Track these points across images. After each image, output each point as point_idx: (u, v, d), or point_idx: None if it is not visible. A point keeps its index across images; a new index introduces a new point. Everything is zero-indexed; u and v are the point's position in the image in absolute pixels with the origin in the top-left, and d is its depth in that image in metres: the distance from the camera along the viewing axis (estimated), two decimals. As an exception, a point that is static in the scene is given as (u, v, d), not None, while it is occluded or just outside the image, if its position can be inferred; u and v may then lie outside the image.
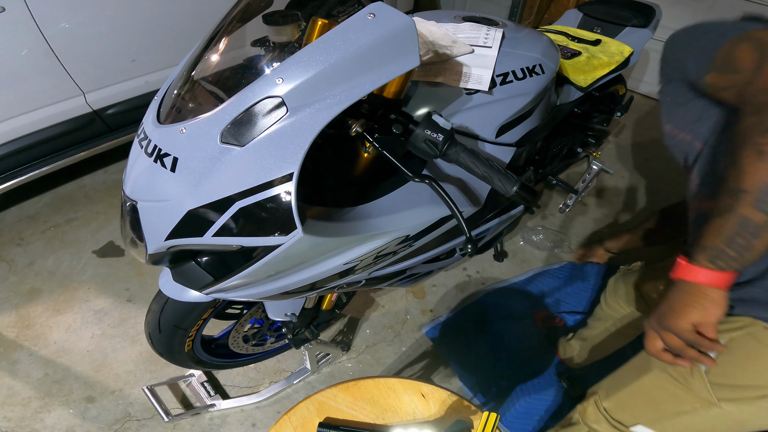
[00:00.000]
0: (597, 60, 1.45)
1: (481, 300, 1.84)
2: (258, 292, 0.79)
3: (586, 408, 1.01)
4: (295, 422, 0.85)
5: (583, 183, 2.18)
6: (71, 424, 1.47)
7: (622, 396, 0.93)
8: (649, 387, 0.87)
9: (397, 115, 0.70)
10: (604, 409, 0.96)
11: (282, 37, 0.82)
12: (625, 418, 0.92)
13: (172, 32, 2.01)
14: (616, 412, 0.94)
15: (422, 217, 0.82)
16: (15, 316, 1.75)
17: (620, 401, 0.94)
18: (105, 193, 2.28)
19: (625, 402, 0.93)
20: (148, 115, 0.76)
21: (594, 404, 0.99)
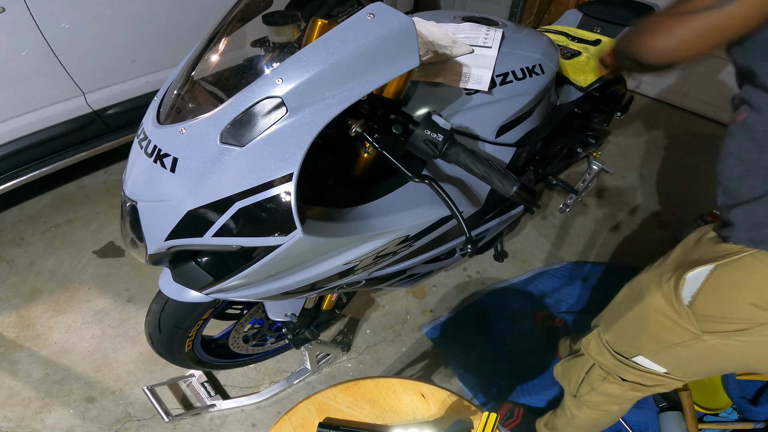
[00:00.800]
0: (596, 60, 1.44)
1: (482, 300, 1.84)
2: (258, 293, 0.79)
3: (589, 341, 1.03)
4: (295, 422, 0.85)
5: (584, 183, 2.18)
6: (71, 424, 1.47)
7: (620, 328, 0.95)
8: (644, 319, 0.88)
9: (397, 115, 0.70)
10: (606, 342, 0.98)
11: (282, 37, 0.82)
12: (626, 349, 0.94)
13: (172, 33, 2.01)
14: (617, 344, 0.96)
15: (422, 218, 0.82)
16: (15, 317, 1.75)
17: (620, 333, 0.96)
18: (105, 193, 2.28)
19: (624, 334, 0.95)
20: (148, 116, 0.76)
21: (597, 336, 1.01)
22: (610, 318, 0.99)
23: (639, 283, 0.92)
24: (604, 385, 1.02)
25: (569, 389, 1.13)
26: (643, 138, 2.73)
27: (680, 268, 0.80)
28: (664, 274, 0.84)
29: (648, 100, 3.06)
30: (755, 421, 1.47)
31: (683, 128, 2.80)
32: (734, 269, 0.71)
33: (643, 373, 0.94)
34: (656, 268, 0.89)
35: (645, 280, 0.90)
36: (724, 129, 2.50)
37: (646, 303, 0.86)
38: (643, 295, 0.88)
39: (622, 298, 0.98)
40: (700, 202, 2.31)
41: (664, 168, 2.52)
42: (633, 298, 0.92)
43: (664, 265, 0.87)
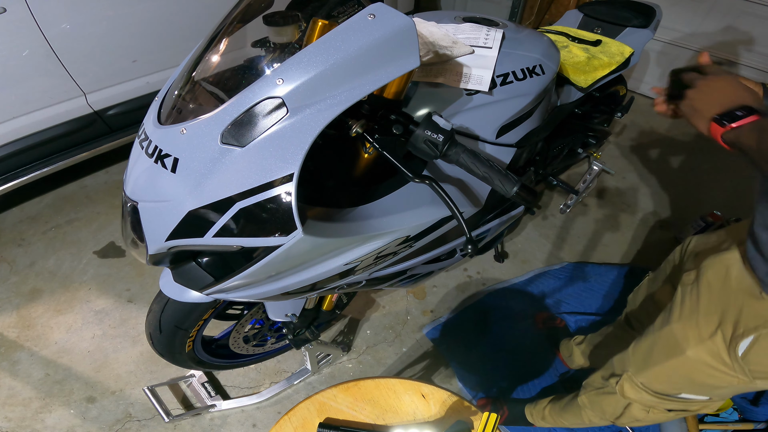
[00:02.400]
0: (597, 60, 1.45)
1: (482, 301, 1.84)
2: (258, 293, 0.80)
3: (623, 385, 1.02)
4: (296, 423, 0.85)
5: (584, 183, 2.18)
6: (72, 424, 1.47)
7: (657, 373, 0.94)
8: (686, 368, 0.87)
9: (398, 115, 0.70)
10: (641, 384, 0.97)
11: (282, 37, 0.82)
12: (667, 389, 0.94)
13: (173, 33, 2.01)
14: (655, 386, 0.96)
15: (423, 218, 0.82)
16: (16, 317, 1.75)
17: (657, 377, 0.95)
18: (106, 193, 2.28)
19: (663, 379, 0.94)
20: (149, 116, 0.76)
21: (630, 380, 1.00)
22: (641, 364, 0.98)
23: (673, 335, 0.90)
24: (649, 416, 1.02)
25: (602, 417, 1.13)
26: (644, 138, 2.73)
27: (724, 324, 0.79)
28: (703, 328, 0.83)
29: (649, 100, 3.06)
30: (756, 422, 1.47)
31: (684, 129, 2.80)
32: None
33: (687, 402, 0.94)
34: (688, 319, 0.87)
35: (680, 332, 0.88)
36: (725, 129, 2.41)
37: (688, 357, 0.85)
38: (683, 348, 0.86)
39: (653, 347, 0.95)
40: (701, 202, 2.31)
41: (664, 168, 2.52)
42: (669, 349, 0.90)
43: (698, 316, 0.85)
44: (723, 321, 0.79)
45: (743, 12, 2.47)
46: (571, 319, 1.77)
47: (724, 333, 0.79)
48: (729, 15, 2.52)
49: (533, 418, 1.39)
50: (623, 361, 1.03)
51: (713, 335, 0.81)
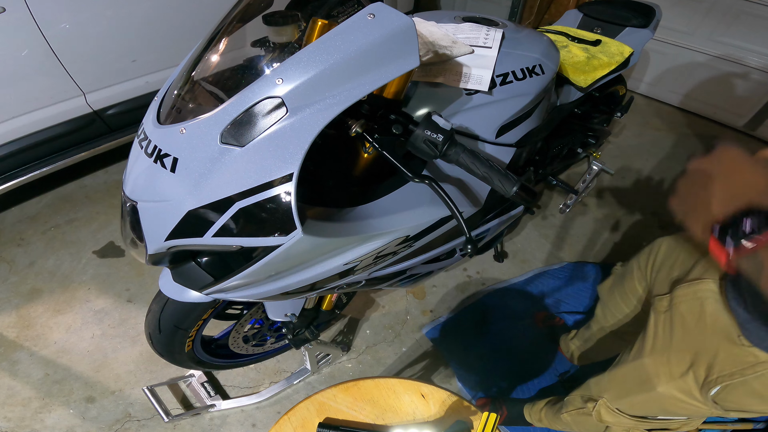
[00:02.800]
0: (597, 60, 1.45)
1: (482, 300, 1.84)
2: (258, 293, 0.79)
3: (599, 411, 1.02)
4: (295, 422, 0.85)
5: (584, 183, 2.18)
6: (71, 424, 1.47)
7: (632, 402, 0.95)
8: (659, 401, 0.88)
9: (397, 115, 0.70)
10: (618, 409, 0.98)
11: (282, 37, 0.82)
12: (644, 413, 0.95)
13: (172, 33, 2.01)
14: (632, 411, 0.96)
15: (422, 218, 0.82)
16: (15, 317, 1.75)
17: (632, 406, 0.95)
18: (105, 193, 2.28)
19: (638, 406, 0.94)
20: (148, 116, 0.76)
21: (606, 406, 1.00)
22: (615, 392, 0.98)
23: (644, 368, 0.88)
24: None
25: None
26: (644, 138, 2.73)
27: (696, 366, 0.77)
28: (674, 366, 0.82)
29: (648, 100, 3.06)
30: (755, 422, 1.47)
31: (683, 129, 2.80)
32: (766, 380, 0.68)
33: (666, 422, 0.94)
34: (660, 354, 0.86)
35: (651, 367, 0.87)
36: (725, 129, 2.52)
37: (659, 393, 0.85)
38: (654, 384, 0.86)
39: (626, 378, 0.95)
40: (700, 202, 2.30)
41: (664, 168, 2.52)
42: (641, 382, 0.90)
43: (669, 352, 0.83)
44: (695, 362, 0.78)
45: (743, 12, 2.47)
46: (570, 318, 1.77)
47: (696, 375, 0.77)
48: (728, 15, 2.52)
49: (531, 418, 1.39)
50: (599, 386, 1.04)
51: (684, 375, 0.79)
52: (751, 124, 2.72)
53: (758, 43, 2.50)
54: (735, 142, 0.49)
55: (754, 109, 2.65)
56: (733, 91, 2.69)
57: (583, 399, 1.10)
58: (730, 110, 2.75)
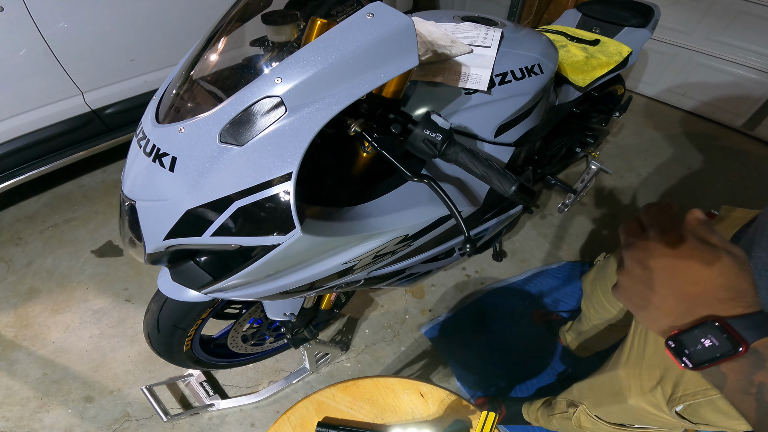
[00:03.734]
0: (596, 60, 1.45)
1: (480, 300, 1.84)
2: (257, 292, 0.79)
3: (579, 418, 1.04)
4: (294, 422, 0.85)
5: (582, 183, 2.18)
6: (70, 423, 1.47)
7: (608, 411, 0.96)
8: (632, 413, 0.89)
9: (396, 114, 0.70)
10: (596, 416, 0.99)
11: (281, 36, 0.82)
12: (621, 421, 0.96)
13: (171, 32, 2.01)
14: (609, 418, 0.97)
15: (421, 217, 0.82)
16: (13, 316, 1.75)
17: (609, 414, 0.96)
18: (103, 192, 2.28)
19: (614, 415, 0.96)
20: (147, 115, 0.76)
21: (585, 413, 1.02)
22: (593, 400, 1.00)
23: (618, 380, 0.90)
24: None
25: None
26: (642, 138, 2.74)
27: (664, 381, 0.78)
28: (645, 380, 0.83)
29: (646, 99, 3.06)
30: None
31: (682, 128, 2.81)
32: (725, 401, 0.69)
33: (644, 430, 0.95)
34: (633, 367, 0.87)
35: (624, 379, 0.88)
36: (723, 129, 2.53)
37: (630, 405, 0.86)
38: (625, 397, 0.87)
39: (602, 388, 0.97)
40: (699, 201, 2.31)
41: (662, 168, 2.53)
42: (615, 393, 0.91)
43: (641, 367, 0.85)
44: (664, 377, 0.79)
45: (742, 12, 2.47)
46: (568, 317, 1.77)
47: (664, 390, 0.78)
48: (727, 14, 2.52)
49: (529, 417, 1.40)
50: (581, 392, 1.05)
51: (653, 390, 0.81)
52: (750, 124, 2.73)
53: (757, 42, 2.50)
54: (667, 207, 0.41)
55: (752, 108, 2.66)
56: (731, 90, 2.70)
57: (567, 403, 1.11)
58: (728, 110, 2.76)
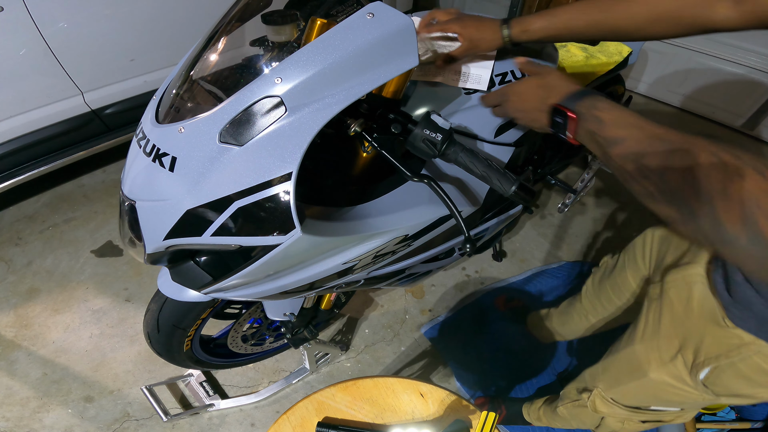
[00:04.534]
0: (596, 60, 1.45)
1: (480, 300, 1.84)
2: (257, 292, 0.79)
3: (594, 401, 1.03)
4: (294, 422, 0.85)
5: (582, 183, 2.18)
6: (70, 423, 1.47)
7: (625, 391, 0.95)
8: (651, 388, 0.88)
9: (396, 114, 0.70)
10: (612, 399, 0.98)
11: (281, 36, 0.82)
12: (637, 403, 0.95)
13: (170, 32, 2.01)
14: (625, 401, 0.97)
15: (421, 217, 0.82)
16: (13, 316, 1.75)
17: (625, 395, 0.96)
18: (103, 192, 2.28)
19: (631, 395, 0.95)
20: (147, 115, 0.76)
21: (601, 396, 1.01)
22: (609, 381, 0.99)
23: (635, 355, 0.90)
24: (624, 427, 1.03)
25: (584, 427, 1.15)
26: (642, 138, 2.73)
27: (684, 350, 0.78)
28: (664, 351, 0.83)
29: (646, 99, 3.06)
30: (753, 420, 1.47)
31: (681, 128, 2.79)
32: (753, 360, 0.69)
33: (660, 413, 0.95)
34: (650, 341, 0.87)
35: (642, 354, 0.88)
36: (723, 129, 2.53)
37: (651, 379, 0.86)
38: (645, 371, 0.86)
39: (619, 366, 0.96)
40: (698, 201, 2.31)
41: (662, 168, 2.52)
42: (632, 369, 0.90)
43: (659, 338, 0.85)
44: (684, 346, 0.79)
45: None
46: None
47: (685, 358, 0.78)
48: (727, 15, 2.52)
49: (530, 417, 1.39)
50: (594, 377, 1.04)
51: (674, 359, 0.80)
52: (749, 124, 2.73)
53: (757, 42, 2.50)
54: None
55: (752, 108, 2.66)
56: (731, 90, 2.70)
57: (578, 390, 1.10)
58: (728, 110, 2.76)
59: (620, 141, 0.51)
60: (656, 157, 0.46)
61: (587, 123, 0.55)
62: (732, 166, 0.40)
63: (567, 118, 0.58)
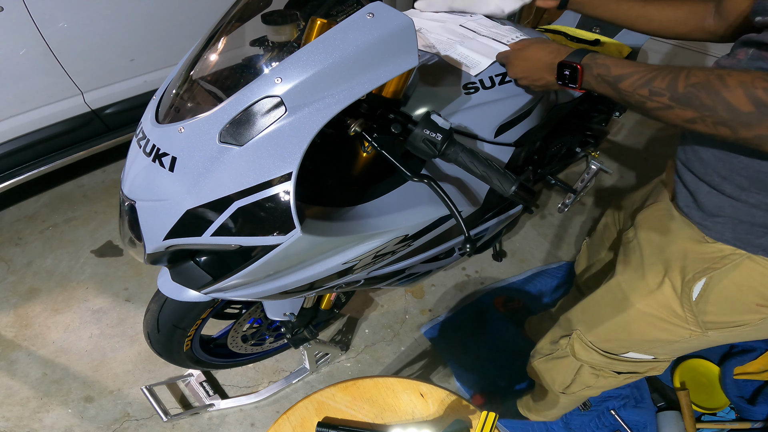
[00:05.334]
0: (596, 60, 1.45)
1: (480, 300, 1.84)
2: (257, 292, 0.79)
3: (573, 345, 1.02)
4: (294, 422, 0.85)
5: (582, 183, 2.18)
6: (70, 423, 1.47)
7: (605, 330, 0.94)
8: (635, 323, 0.87)
9: (396, 114, 0.70)
10: (590, 342, 0.97)
11: (281, 36, 0.82)
12: (615, 348, 0.95)
13: (170, 31, 2.01)
14: (603, 344, 0.96)
15: (421, 217, 0.82)
16: (13, 316, 1.75)
17: (605, 335, 0.95)
18: (103, 192, 2.28)
19: (611, 336, 0.94)
20: (147, 115, 0.76)
21: (580, 340, 1.00)
22: (590, 321, 0.98)
23: (620, 289, 0.89)
24: (599, 381, 1.02)
25: (554, 387, 1.13)
26: (642, 138, 2.74)
27: (671, 273, 0.79)
28: (650, 279, 0.82)
29: (646, 100, 3.06)
30: (753, 421, 1.47)
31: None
32: (735, 275, 0.71)
33: (635, 363, 0.95)
34: (634, 272, 0.87)
35: (627, 286, 0.88)
36: (723, 129, 2.44)
37: (637, 310, 0.85)
38: (631, 302, 0.86)
39: (601, 302, 0.95)
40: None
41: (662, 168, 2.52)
42: (617, 304, 0.89)
43: (643, 269, 0.85)
44: (669, 269, 0.79)
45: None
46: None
47: (673, 282, 0.78)
48: (727, 15, 2.52)
49: (523, 409, 1.41)
50: (572, 320, 1.03)
51: (661, 285, 0.80)
52: (749, 124, 2.73)
53: (756, 42, 2.50)
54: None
55: (752, 108, 2.66)
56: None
57: (553, 341, 1.09)
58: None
59: (628, 75, 0.61)
60: (662, 78, 0.57)
61: (595, 69, 0.66)
62: (719, 71, 0.52)
63: (576, 70, 0.68)
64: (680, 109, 0.56)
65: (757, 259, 0.68)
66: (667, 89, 0.56)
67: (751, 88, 0.49)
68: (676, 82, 0.55)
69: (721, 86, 0.51)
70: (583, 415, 1.51)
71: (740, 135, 0.51)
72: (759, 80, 0.49)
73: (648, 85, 0.58)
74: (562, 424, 1.50)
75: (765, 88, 0.48)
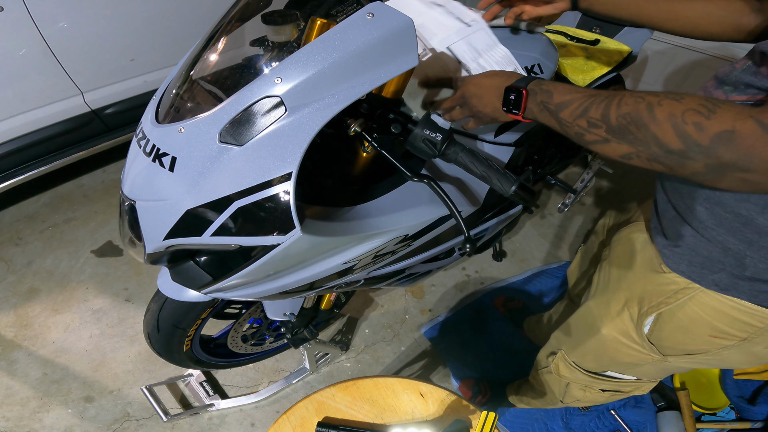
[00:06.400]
0: (596, 60, 1.45)
1: (480, 300, 1.84)
2: (257, 292, 0.79)
3: (558, 365, 1.05)
4: (294, 422, 0.85)
5: (582, 182, 2.18)
6: (70, 423, 1.47)
7: (583, 351, 0.96)
8: (604, 347, 0.89)
9: (396, 114, 0.70)
10: (573, 362, 1.00)
11: (281, 36, 0.82)
12: (595, 367, 0.97)
13: (170, 32, 2.01)
14: (584, 364, 0.98)
15: (421, 217, 0.82)
16: (13, 316, 1.75)
17: (584, 356, 0.97)
18: (103, 192, 2.28)
19: (589, 357, 0.96)
20: (147, 115, 0.76)
21: (563, 359, 1.02)
22: (570, 342, 1.01)
23: (590, 312, 0.92)
24: (587, 395, 1.05)
25: (554, 397, 1.15)
26: (642, 138, 2.73)
27: (630, 303, 0.80)
28: (612, 306, 0.84)
29: (646, 100, 3.06)
30: (753, 421, 1.47)
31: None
32: (688, 308, 0.71)
33: (618, 382, 0.96)
34: (601, 295, 0.89)
35: (595, 310, 0.90)
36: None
37: (603, 335, 0.87)
38: (598, 327, 0.88)
39: (578, 324, 0.98)
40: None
41: (662, 168, 2.52)
42: (588, 327, 0.92)
43: (608, 293, 0.86)
44: (629, 299, 0.80)
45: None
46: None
47: (631, 311, 0.79)
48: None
49: (514, 399, 1.43)
50: (559, 339, 1.06)
51: (621, 313, 0.82)
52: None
53: (756, 42, 2.50)
54: None
55: (752, 108, 2.66)
56: (731, 90, 2.70)
57: (547, 356, 1.11)
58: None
59: (568, 103, 0.57)
60: (597, 107, 0.53)
61: (539, 96, 0.61)
62: (650, 99, 0.48)
63: (521, 95, 0.64)
64: (616, 143, 0.51)
65: (710, 293, 0.67)
66: (601, 120, 0.52)
67: (680, 123, 0.44)
68: (608, 111, 0.51)
69: (649, 119, 0.47)
70: (583, 415, 1.51)
71: (676, 172, 0.47)
72: (690, 113, 0.44)
73: (585, 114, 0.54)
74: (562, 424, 1.50)
75: (696, 123, 0.43)
